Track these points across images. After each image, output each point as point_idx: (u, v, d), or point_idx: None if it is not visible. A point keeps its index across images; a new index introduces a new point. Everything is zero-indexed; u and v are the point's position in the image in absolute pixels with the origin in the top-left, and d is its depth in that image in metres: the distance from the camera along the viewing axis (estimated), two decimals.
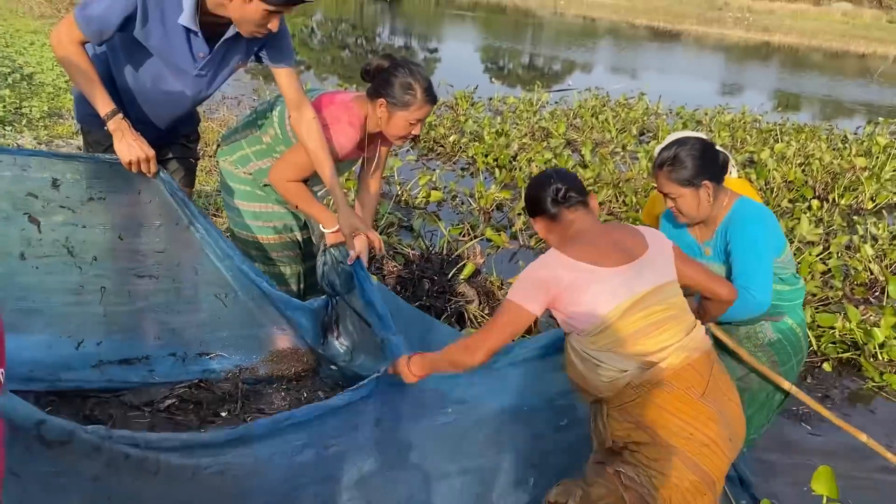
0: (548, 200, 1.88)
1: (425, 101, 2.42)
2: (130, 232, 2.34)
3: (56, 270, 2.22)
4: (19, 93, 5.68)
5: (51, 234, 2.17)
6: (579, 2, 37.14)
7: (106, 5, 2.05)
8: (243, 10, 2.08)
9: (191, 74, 2.27)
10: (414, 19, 23.34)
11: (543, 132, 7.32)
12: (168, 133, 2.42)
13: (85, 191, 2.20)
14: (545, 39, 21.16)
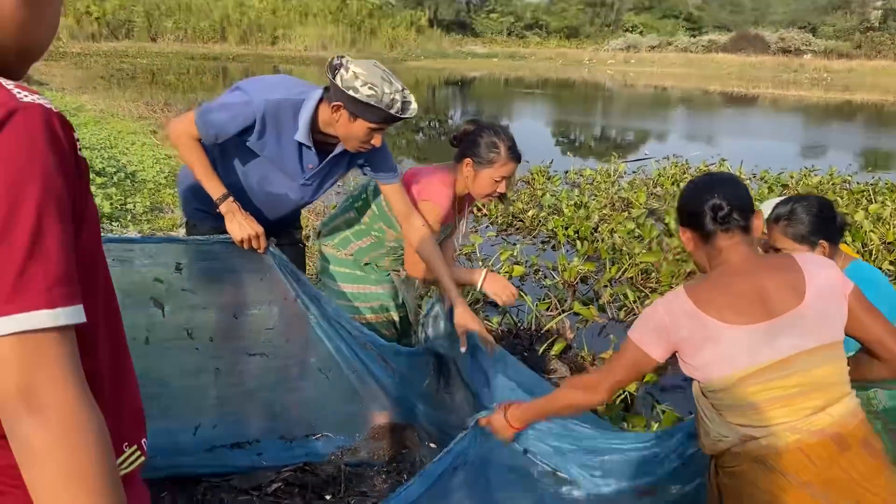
0: (706, 217, 1.66)
1: (509, 158, 2.54)
2: (244, 310, 2.43)
3: (176, 353, 2.30)
4: (124, 190, 6.03)
5: (173, 317, 2.26)
6: (649, 72, 37.37)
7: (227, 117, 2.23)
8: (349, 128, 2.25)
9: (297, 182, 2.44)
10: (484, 100, 23.88)
11: (623, 202, 7.23)
12: (273, 227, 2.52)
13: (203, 273, 2.32)
14: (616, 111, 21.23)
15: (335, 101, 2.20)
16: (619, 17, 67.39)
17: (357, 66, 2.17)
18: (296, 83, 2.38)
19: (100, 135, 8.55)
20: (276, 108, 2.27)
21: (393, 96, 2.18)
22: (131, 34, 39.07)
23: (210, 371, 2.35)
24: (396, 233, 2.67)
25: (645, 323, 1.66)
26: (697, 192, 1.70)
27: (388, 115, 2.20)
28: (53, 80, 16.76)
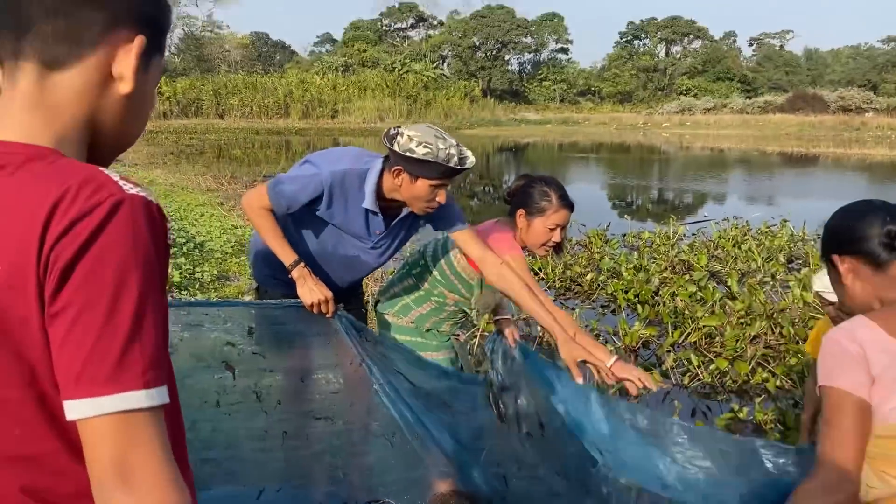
0: (875, 241, 1.51)
1: (561, 206, 2.58)
2: (310, 374, 2.49)
3: (244, 417, 2.34)
4: (192, 259, 6.26)
5: (243, 380, 2.31)
6: (705, 134, 37.21)
7: (297, 188, 2.35)
8: (412, 190, 2.32)
9: (367, 246, 2.53)
10: (538, 165, 24.10)
11: (684, 265, 7.13)
12: (343, 293, 2.60)
13: (272, 337, 2.39)
14: (673, 173, 21.11)
15: (395, 167, 2.30)
16: (673, 81, 67.72)
17: (411, 130, 2.27)
18: (361, 153, 2.48)
19: (170, 207, 8.94)
20: (342, 178, 2.37)
21: (448, 151, 2.25)
22: (200, 112, 41.09)
23: (277, 435, 2.38)
24: (458, 296, 2.70)
25: (839, 362, 1.42)
26: (863, 213, 1.56)
27: (447, 168, 2.26)
28: (126, 157, 17.65)
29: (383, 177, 2.38)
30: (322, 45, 75.83)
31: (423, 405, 2.47)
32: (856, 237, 1.55)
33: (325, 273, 2.52)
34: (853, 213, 1.59)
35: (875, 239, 1.52)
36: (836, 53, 77.72)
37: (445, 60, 68.21)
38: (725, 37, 75.10)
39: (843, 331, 1.45)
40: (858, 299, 1.58)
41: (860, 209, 1.58)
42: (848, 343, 1.42)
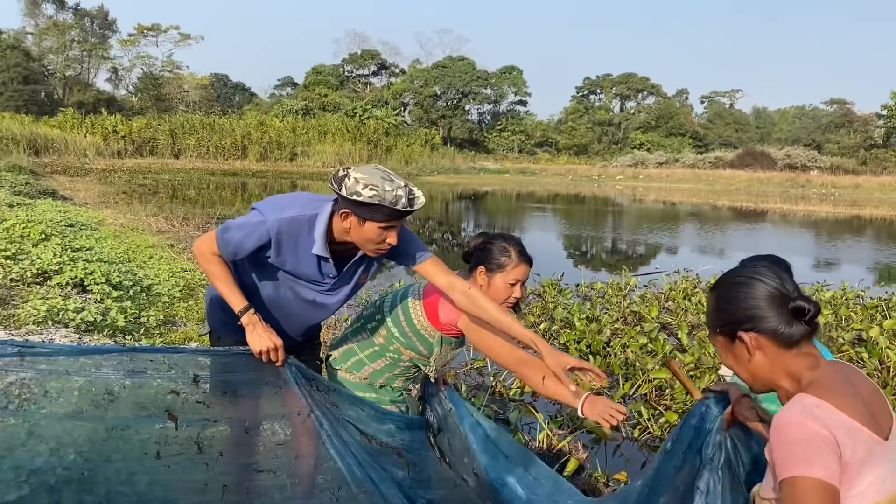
0: (778, 316, 1.45)
1: (520, 261, 2.59)
2: (257, 424, 2.41)
3: (184, 469, 2.23)
4: (139, 303, 6.10)
5: (186, 430, 2.21)
6: (658, 187, 38.13)
7: (243, 235, 2.33)
8: (361, 233, 2.31)
9: (323, 290, 2.49)
10: (496, 214, 24.34)
11: (635, 316, 7.21)
12: (300, 341, 2.56)
13: (219, 385, 2.31)
14: (626, 225, 21.52)
15: (343, 210, 2.28)
16: (627, 135, 69.62)
17: (357, 172, 2.24)
18: (309, 199, 2.45)
19: (118, 249, 8.73)
20: (289, 226, 2.34)
21: (396, 192, 2.23)
22: (155, 151, 40.60)
23: (217, 489, 2.29)
24: (414, 353, 2.65)
25: (812, 449, 1.30)
26: (757, 283, 1.49)
27: (393, 210, 2.23)
28: (77, 195, 17.30)
29: (333, 220, 2.36)
30: (283, 89, 75.98)
31: (373, 458, 2.41)
32: (754, 312, 1.48)
33: (282, 319, 2.48)
34: (748, 282, 1.50)
35: (788, 315, 1.45)
36: (783, 113, 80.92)
37: (407, 108, 68.95)
38: (678, 94, 77.62)
39: (802, 413, 1.35)
40: (761, 380, 1.52)
41: (757, 277, 1.50)
42: (817, 427, 1.31)
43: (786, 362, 1.47)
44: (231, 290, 2.36)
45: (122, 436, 2.13)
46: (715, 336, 1.58)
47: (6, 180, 16.12)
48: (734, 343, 1.52)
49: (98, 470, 2.05)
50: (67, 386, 2.04)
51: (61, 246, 7.68)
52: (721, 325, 1.54)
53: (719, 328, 1.55)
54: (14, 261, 6.66)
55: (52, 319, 5.16)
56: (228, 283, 2.36)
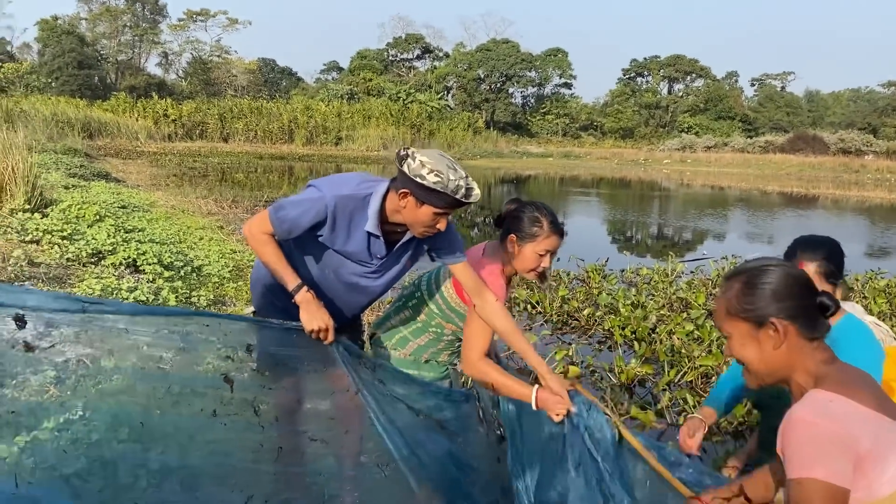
0: (809, 307, 1.49)
1: (552, 232, 2.61)
2: (308, 397, 2.48)
3: (240, 428, 2.30)
4: (189, 284, 6.24)
5: (241, 393, 2.28)
6: (706, 171, 37.39)
7: (300, 212, 2.37)
8: (416, 214, 2.34)
9: (369, 270, 2.54)
10: (539, 198, 24.13)
11: (682, 303, 7.12)
12: (344, 323, 2.60)
13: (272, 357, 2.38)
14: (673, 210, 21.18)
15: (402, 189, 2.31)
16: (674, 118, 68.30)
17: (424, 156, 2.28)
18: (364, 178, 2.50)
19: (170, 230, 8.94)
20: (345, 203, 2.39)
21: (458, 182, 2.27)
22: (205, 135, 41.31)
23: (273, 449, 2.36)
24: (454, 326, 2.71)
25: (815, 449, 1.31)
26: (804, 282, 1.52)
27: (454, 199, 2.29)
28: (130, 178, 17.72)
29: (387, 198, 2.40)
30: (328, 73, 76.50)
31: (420, 434, 2.44)
32: (803, 305, 1.50)
33: (326, 300, 2.51)
34: (796, 278, 1.53)
35: (815, 308, 1.50)
36: (837, 96, 78.44)
37: (450, 91, 68.79)
38: (728, 76, 75.82)
39: (814, 411, 1.35)
40: (778, 369, 1.52)
41: (798, 276, 1.53)
42: (829, 424, 1.32)
43: (805, 355, 1.48)
44: (284, 268, 2.40)
45: (181, 395, 2.21)
46: (736, 321, 1.57)
47: (62, 162, 16.58)
48: (760, 330, 1.52)
49: (156, 426, 2.12)
50: (127, 344, 2.10)
51: (115, 227, 7.89)
52: (751, 309, 1.53)
53: (746, 313, 1.54)
54: (70, 241, 6.86)
55: (107, 298, 5.32)
56: (281, 262, 2.41)
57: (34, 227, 7.01)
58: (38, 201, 8.51)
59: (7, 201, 8.17)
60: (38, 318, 1.94)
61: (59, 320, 1.98)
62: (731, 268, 8.84)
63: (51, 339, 1.96)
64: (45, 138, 22.67)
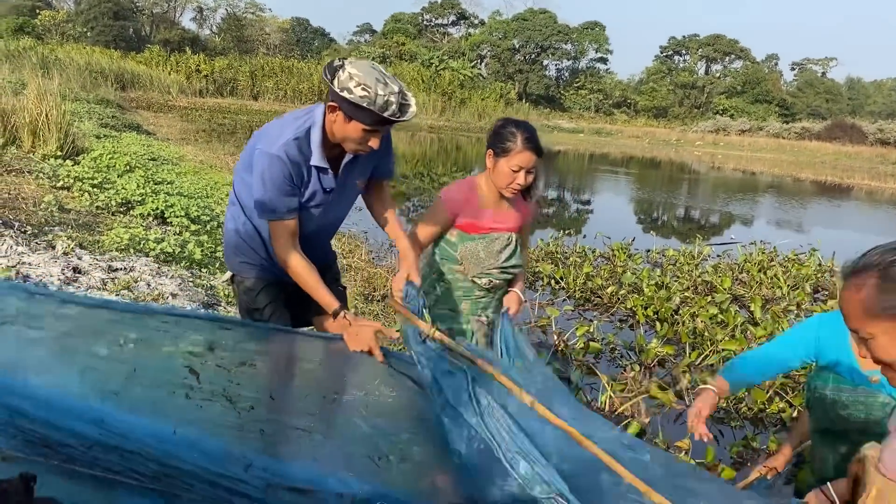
0: None
1: (525, 148, 2.60)
2: (282, 394, 2.39)
3: (217, 412, 2.29)
4: (215, 238, 6.27)
5: (209, 385, 2.25)
6: (738, 156, 36.78)
7: (277, 188, 2.27)
8: (344, 129, 2.23)
9: (324, 207, 2.46)
10: (566, 174, 23.96)
11: (707, 286, 7.03)
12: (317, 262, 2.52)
13: (238, 356, 2.32)
14: (702, 192, 20.89)
15: (331, 102, 2.20)
16: (710, 99, 67.11)
17: (353, 67, 2.14)
18: (296, 115, 2.39)
19: (197, 184, 8.97)
20: (295, 147, 2.28)
21: (387, 98, 2.13)
22: (235, 92, 41.36)
23: (255, 430, 2.33)
24: (461, 267, 2.82)
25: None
26: None
27: (381, 117, 2.15)
28: (160, 131, 17.82)
29: (325, 122, 2.29)
30: (361, 35, 76.01)
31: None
32: None
33: (305, 248, 2.45)
34: None
35: None
36: (879, 85, 76.48)
37: (483, 60, 68.05)
38: (767, 59, 74.17)
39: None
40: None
41: None
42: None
43: None
44: (322, 293, 2.34)
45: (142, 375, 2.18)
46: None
47: (94, 112, 16.69)
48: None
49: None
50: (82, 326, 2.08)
51: (144, 178, 7.94)
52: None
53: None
54: (100, 189, 6.92)
55: (134, 248, 5.36)
56: (316, 283, 2.35)
57: (65, 174, 7.08)
58: (70, 149, 8.58)
59: (40, 147, 8.25)
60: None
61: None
62: (758, 254, 8.74)
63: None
64: (79, 87, 22.78)
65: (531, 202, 2.92)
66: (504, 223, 2.82)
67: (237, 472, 2.25)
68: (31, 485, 1.91)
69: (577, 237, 9.30)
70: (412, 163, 20.44)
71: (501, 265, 2.86)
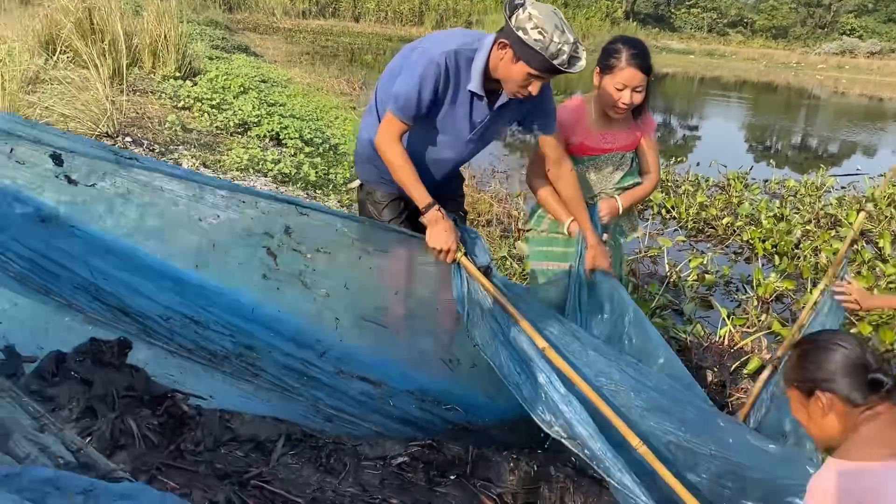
0: (853, 384, 1.56)
1: (629, 64, 2.51)
2: (368, 290, 2.46)
3: (293, 295, 2.34)
4: (327, 161, 6.40)
5: (286, 268, 2.30)
6: (865, 80, 34.09)
7: (417, 85, 2.26)
8: (509, 69, 2.20)
9: (463, 140, 2.43)
10: (674, 98, 22.90)
11: (830, 220, 6.66)
12: (438, 192, 2.52)
13: (314, 242, 2.36)
14: (821, 120, 19.56)
15: (503, 39, 2.17)
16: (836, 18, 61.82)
17: (534, 9, 2.11)
18: (466, 32, 2.36)
19: (308, 107, 9.13)
20: (455, 59, 2.26)
21: (561, 47, 2.09)
22: (337, 13, 41.33)
23: (332, 319, 2.39)
24: None
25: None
26: (849, 359, 1.59)
27: (550, 65, 2.11)
28: (267, 53, 18.11)
29: (492, 53, 2.25)
30: None
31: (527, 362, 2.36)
32: (833, 378, 1.58)
33: (420, 171, 2.44)
34: (825, 350, 1.61)
35: (852, 381, 1.56)
36: None
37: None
38: None
39: (843, 483, 1.46)
40: (832, 437, 1.60)
41: (835, 342, 1.61)
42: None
43: (857, 423, 1.55)
44: (416, 184, 2.34)
45: (222, 249, 2.25)
46: (790, 389, 1.70)
47: (205, 34, 17.08)
48: (809, 400, 1.63)
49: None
50: (164, 198, 2.13)
51: (258, 100, 8.13)
52: (799, 380, 1.65)
53: (796, 383, 1.66)
54: (219, 110, 7.15)
55: (253, 168, 5.55)
56: (412, 177, 2.34)
57: (185, 94, 7.33)
58: (188, 70, 8.86)
59: (160, 68, 8.56)
60: (75, 159, 1.99)
61: (96, 165, 2.02)
62: (888, 186, 8.16)
63: (90, 178, 2.01)
64: (190, 9, 23.36)
65: (645, 121, 2.81)
66: (613, 143, 2.76)
67: (311, 356, 2.37)
68: (125, 351, 2.06)
69: (689, 165, 8.94)
70: None
71: (616, 186, 2.81)
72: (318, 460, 2.24)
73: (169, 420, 2.02)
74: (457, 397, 2.55)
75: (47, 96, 5.63)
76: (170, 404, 2.04)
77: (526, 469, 2.34)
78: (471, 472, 2.31)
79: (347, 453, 2.30)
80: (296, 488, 2.07)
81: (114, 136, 5.29)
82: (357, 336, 2.47)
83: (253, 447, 2.17)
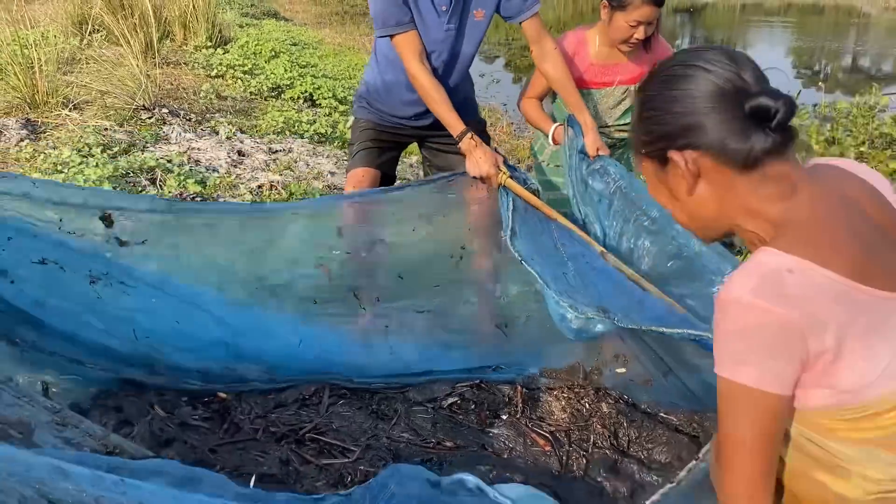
0: (727, 122, 0.99)
1: (645, 2, 2.44)
2: (412, 271, 2.44)
3: (343, 313, 2.37)
4: None
5: (338, 279, 2.32)
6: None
7: (381, 3, 2.27)
8: None
9: (441, 31, 2.38)
10: (716, 28, 22.08)
11: (885, 139, 6.38)
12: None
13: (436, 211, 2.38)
14: (873, 38, 18.66)
15: None
16: None
17: None
18: None
19: (339, 66, 9.08)
20: None
21: None
22: None
23: (382, 328, 2.41)
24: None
25: (747, 342, 0.93)
26: (715, 84, 0.99)
27: None
28: (296, 17, 18.01)
29: None
30: None
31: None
32: (691, 123, 1.00)
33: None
34: (678, 80, 1.01)
35: (723, 121, 0.99)
36: None
37: None
38: None
39: (759, 289, 0.92)
40: (709, 219, 1.08)
41: (699, 64, 1.01)
42: (778, 310, 0.91)
43: (743, 193, 1.02)
44: (449, 113, 2.32)
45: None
46: (641, 160, 1.12)
47: (235, 2, 17.06)
48: (665, 168, 1.08)
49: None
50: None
51: (290, 62, 8.11)
52: (647, 141, 1.08)
53: (645, 148, 1.09)
54: (251, 76, 7.16)
55: (289, 130, 5.56)
56: (445, 105, 2.32)
57: (218, 63, 7.36)
58: (218, 38, 8.87)
59: (191, 38, 8.58)
60: (126, 217, 1.98)
61: (146, 219, 2.01)
62: None
63: (141, 237, 2.01)
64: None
65: (656, 50, 2.73)
66: (619, 76, 2.69)
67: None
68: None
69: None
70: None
71: (617, 122, 2.75)
72: (368, 408, 2.28)
73: (214, 413, 2.13)
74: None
75: (84, 75, 5.71)
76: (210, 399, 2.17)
77: (577, 406, 2.34)
78: (521, 411, 2.32)
79: (397, 399, 2.34)
80: (350, 437, 2.11)
81: (150, 109, 5.35)
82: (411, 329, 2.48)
83: (300, 405, 2.22)
